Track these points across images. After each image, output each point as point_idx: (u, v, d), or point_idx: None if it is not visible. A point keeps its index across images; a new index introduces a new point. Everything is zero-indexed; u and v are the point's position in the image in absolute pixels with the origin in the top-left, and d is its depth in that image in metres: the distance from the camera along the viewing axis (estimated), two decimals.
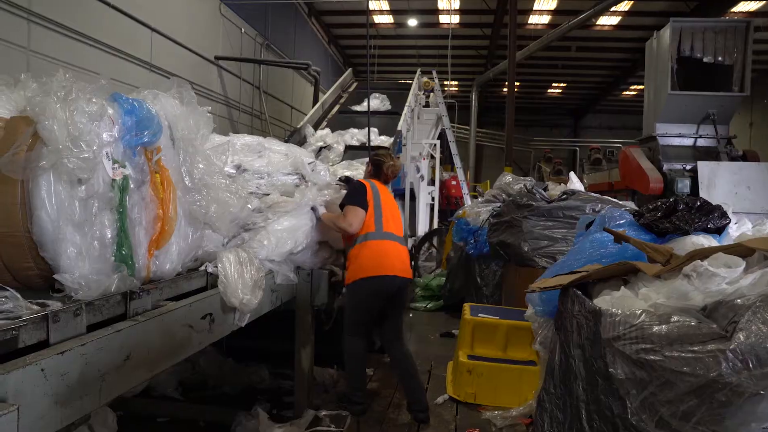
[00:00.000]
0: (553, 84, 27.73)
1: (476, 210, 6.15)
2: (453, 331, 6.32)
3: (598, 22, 18.50)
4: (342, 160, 7.51)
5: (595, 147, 22.62)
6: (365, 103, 9.80)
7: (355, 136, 8.30)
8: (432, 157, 11.07)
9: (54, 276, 1.99)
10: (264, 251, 3.11)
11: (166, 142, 2.63)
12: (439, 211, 11.94)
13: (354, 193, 3.77)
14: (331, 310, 3.78)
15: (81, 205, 2.08)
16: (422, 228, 10.53)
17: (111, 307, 1.96)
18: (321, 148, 8.05)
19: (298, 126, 8.83)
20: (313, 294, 3.52)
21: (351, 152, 7.79)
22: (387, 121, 9.60)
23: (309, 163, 4.15)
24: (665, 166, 9.36)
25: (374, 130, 8.75)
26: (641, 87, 26.57)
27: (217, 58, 11.63)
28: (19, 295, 1.83)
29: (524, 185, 4.73)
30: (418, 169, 10.20)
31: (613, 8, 16.28)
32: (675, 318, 1.53)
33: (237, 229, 3.16)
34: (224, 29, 11.93)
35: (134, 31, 8.69)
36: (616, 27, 19.20)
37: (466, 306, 4.12)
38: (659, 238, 2.64)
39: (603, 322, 1.74)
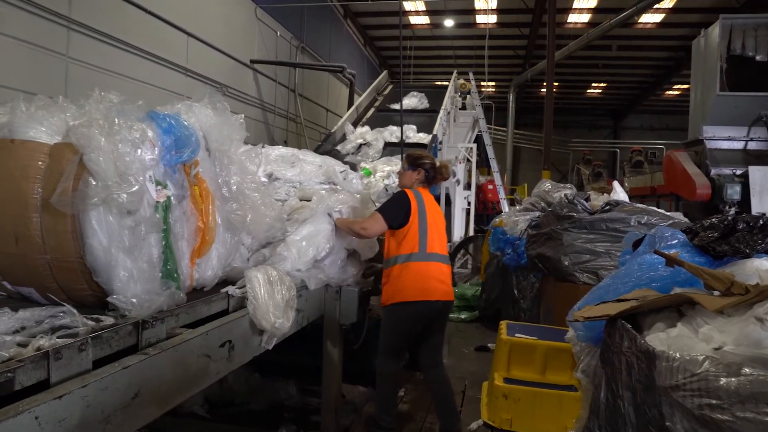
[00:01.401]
0: (593, 84, 27.08)
1: (514, 219, 5.92)
2: (488, 345, 6.12)
3: (640, 20, 17.92)
4: (381, 156, 7.72)
5: (637, 149, 22.00)
6: (404, 101, 10.03)
7: (393, 133, 8.42)
8: (468, 160, 10.85)
9: (108, 299, 2.08)
10: (287, 263, 3.00)
11: (202, 153, 2.65)
12: (475, 216, 11.71)
13: (392, 206, 3.48)
14: (360, 328, 3.60)
15: (130, 232, 2.15)
16: (458, 233, 10.32)
17: (121, 338, 1.85)
18: (361, 145, 8.22)
19: (332, 130, 8.73)
20: (341, 313, 3.37)
21: (390, 149, 8.01)
22: (425, 119, 9.70)
23: (341, 172, 4.02)
24: (713, 171, 8.93)
25: (412, 128, 8.83)
26: (685, 86, 25.97)
27: (252, 61, 11.64)
28: (75, 311, 1.90)
29: (565, 195, 4.49)
30: (454, 174, 9.99)
31: (657, 5, 15.71)
32: (746, 370, 1.33)
33: (274, 234, 3.08)
34: (260, 33, 11.94)
35: (170, 36, 8.73)
36: (660, 25, 18.58)
37: (503, 324, 3.91)
38: (716, 261, 2.41)
39: (658, 366, 1.55)
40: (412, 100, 10.52)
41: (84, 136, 2.11)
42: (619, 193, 4.50)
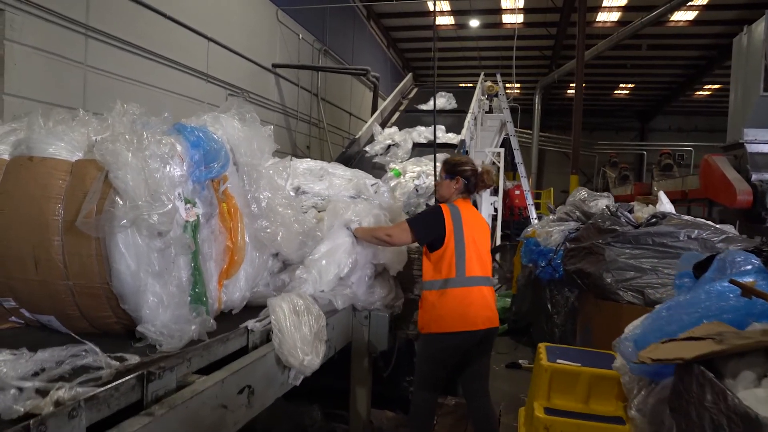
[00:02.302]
0: (620, 85, 26.51)
1: (547, 229, 5.62)
2: (520, 362, 5.83)
3: (672, 18, 17.40)
4: (410, 157, 7.56)
5: (666, 152, 21.43)
6: (431, 102, 9.80)
7: (422, 133, 8.30)
8: (493, 162, 10.55)
9: (137, 329, 1.97)
10: (308, 286, 2.77)
11: (230, 168, 2.51)
12: (502, 221, 11.40)
13: (423, 221, 3.14)
14: (390, 353, 3.32)
15: (159, 255, 2.02)
16: None
17: (122, 395, 1.60)
18: (389, 146, 8.13)
19: (357, 135, 8.52)
20: (371, 340, 3.10)
21: (418, 149, 7.92)
22: (453, 119, 9.57)
23: (372, 185, 3.77)
24: (754, 177, 8.49)
25: (441, 128, 8.70)
26: (716, 86, 25.29)
27: (274, 65, 11.48)
28: (98, 349, 1.78)
29: (607, 207, 4.18)
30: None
31: (691, 2, 15.19)
32: None
33: (306, 253, 2.87)
34: (281, 36, 11.78)
35: (190, 42, 8.59)
36: (692, 22, 18.04)
37: (542, 348, 3.62)
38: None
39: None
40: (440, 101, 10.32)
41: (110, 152, 1.97)
42: (666, 205, 4.19)
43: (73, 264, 2.00)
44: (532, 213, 10.86)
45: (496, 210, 10.86)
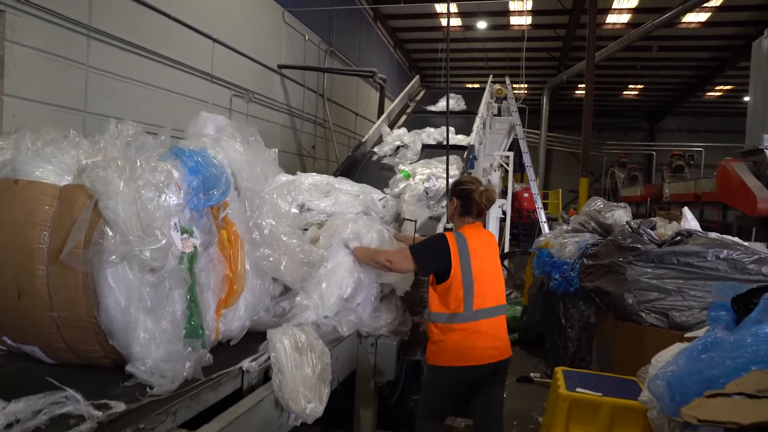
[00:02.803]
0: (630, 86, 26.21)
1: (561, 240, 5.43)
2: (532, 375, 5.65)
3: (684, 20, 17.13)
4: (419, 159, 7.46)
5: (677, 153, 21.19)
6: (440, 103, 9.84)
7: (431, 135, 8.17)
8: (503, 168, 10.37)
9: (126, 368, 1.83)
10: (310, 313, 2.59)
11: (231, 193, 2.35)
12: (510, 224, 11.20)
13: (426, 251, 2.89)
14: (396, 380, 3.12)
15: (152, 290, 1.87)
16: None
17: None
18: (398, 147, 8.01)
19: (363, 139, 8.33)
20: (377, 369, 2.91)
21: (427, 151, 7.81)
22: (462, 120, 9.43)
23: (380, 200, 3.58)
24: None
25: (451, 129, 8.44)
26: (728, 87, 24.97)
27: (280, 66, 11.32)
28: (79, 396, 1.62)
29: (628, 223, 3.97)
30: (489, 182, 9.54)
31: (704, 4, 14.92)
32: None
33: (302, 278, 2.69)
34: (288, 37, 11.61)
35: (195, 42, 8.43)
36: (704, 24, 17.76)
37: (559, 373, 3.43)
38: None
39: None
40: (450, 102, 10.10)
41: (100, 179, 1.82)
42: (690, 221, 3.98)
43: (59, 296, 1.86)
44: (542, 216, 10.65)
45: (504, 213, 10.67)
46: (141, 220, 1.73)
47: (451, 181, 3.67)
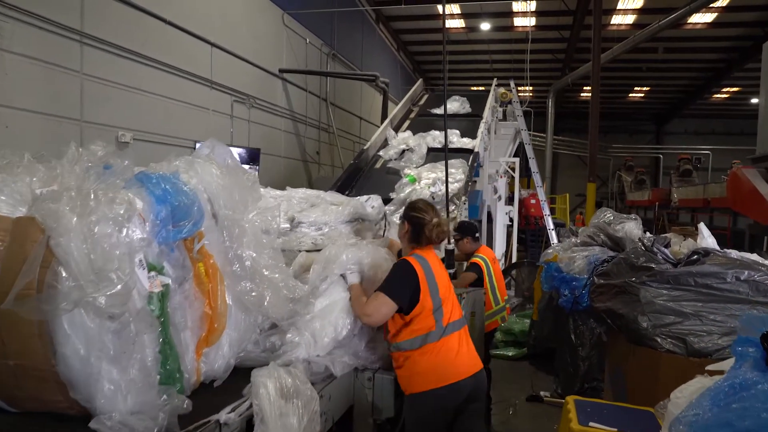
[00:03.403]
0: (635, 88, 25.96)
1: (569, 254, 5.22)
2: (542, 394, 5.44)
3: (690, 20, 16.88)
4: (425, 163, 7.48)
5: (685, 156, 20.93)
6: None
7: (436, 138, 8.15)
8: (509, 174, 10.17)
9: (90, 425, 1.61)
10: (301, 351, 2.39)
11: (208, 221, 2.11)
12: (518, 230, 10.99)
13: (395, 280, 2.69)
14: (397, 415, 2.91)
15: (115, 337, 1.66)
16: (499, 251, 9.65)
17: None
18: (404, 151, 8.01)
19: (365, 147, 8.17)
20: (375, 406, 2.71)
21: (433, 154, 7.81)
22: (467, 123, 9.38)
23: (366, 200, 3.46)
24: None
25: (456, 132, 8.53)
26: (735, 89, 24.69)
27: (281, 71, 11.15)
28: None
29: (641, 241, 3.76)
30: (495, 190, 9.36)
31: (711, 4, 14.67)
32: None
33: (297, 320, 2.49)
34: (288, 40, 11.44)
35: (193, 48, 8.27)
36: (711, 25, 17.50)
37: (571, 404, 3.21)
38: None
39: None
40: (454, 105, 10.02)
41: (51, 213, 1.60)
42: (707, 239, 3.77)
43: (13, 342, 1.67)
44: (549, 224, 10.44)
45: (511, 220, 10.47)
46: (94, 261, 1.52)
47: (453, 186, 3.49)
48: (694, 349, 3.20)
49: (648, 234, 4.92)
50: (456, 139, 8.41)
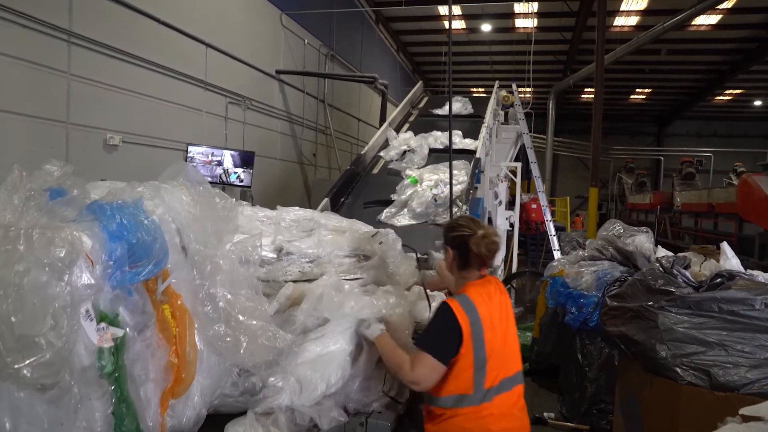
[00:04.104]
0: (637, 90, 25.71)
1: (576, 269, 4.96)
2: (546, 416, 5.18)
3: (693, 22, 16.62)
4: (426, 164, 7.27)
5: (688, 160, 20.67)
6: (447, 106, 9.42)
7: (438, 139, 7.94)
8: (511, 179, 9.91)
9: None
10: (285, 398, 2.10)
11: (175, 256, 1.82)
12: (519, 235, 10.72)
13: (438, 336, 2.28)
14: None
15: (51, 407, 1.36)
16: (498, 257, 9.38)
17: None
18: (405, 152, 7.80)
19: (362, 152, 7.90)
20: None
21: (435, 155, 7.62)
22: (469, 124, 9.16)
23: (373, 235, 3.01)
24: None
25: (458, 133, 8.29)
26: (738, 91, 24.44)
27: (278, 72, 10.88)
28: None
29: (658, 261, 3.49)
30: (496, 195, 9.09)
31: (717, 5, 14.41)
32: None
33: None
34: (286, 41, 11.17)
35: (187, 48, 8.01)
36: (715, 26, 17.26)
37: None
38: None
39: None
40: (456, 105, 9.81)
41: None
42: (731, 260, 3.51)
43: None
44: (551, 230, 10.16)
45: (511, 225, 10.21)
46: (17, 323, 1.24)
47: (456, 188, 3.00)
48: (719, 383, 2.94)
49: (662, 250, 4.65)
50: (458, 140, 8.20)
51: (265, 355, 1.91)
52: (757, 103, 26.26)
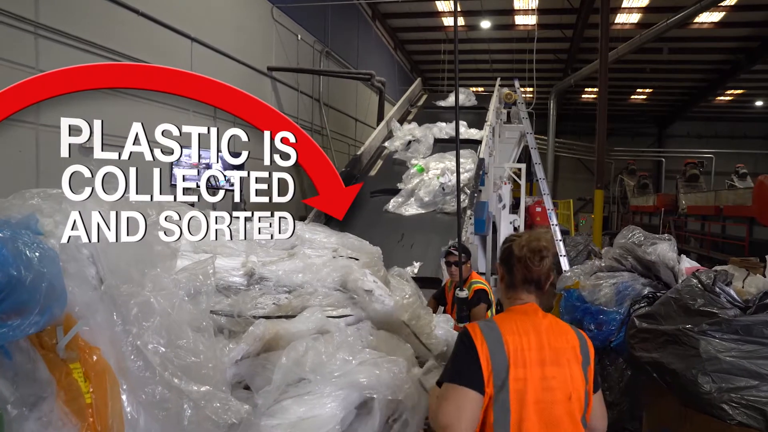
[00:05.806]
0: (638, 90, 25.31)
1: (593, 281, 4.49)
2: None
3: (696, 20, 16.20)
4: (432, 153, 7.32)
5: (691, 161, 20.27)
6: (450, 98, 9.74)
7: (443, 129, 8.10)
8: (515, 181, 9.47)
9: None
10: None
11: (89, 295, 1.31)
12: None
13: (454, 358, 1.88)
14: None
15: None
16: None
17: None
18: (410, 142, 7.85)
19: (359, 152, 7.52)
20: None
21: (440, 145, 7.69)
22: (474, 116, 9.28)
23: (366, 291, 2.39)
24: None
25: (463, 123, 8.35)
26: (740, 92, 24.04)
27: (270, 69, 10.38)
28: None
29: (698, 278, 3.00)
30: (500, 198, 8.66)
31: (720, 3, 14.00)
32: None
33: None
34: (278, 36, 10.68)
35: (170, 42, 7.52)
36: (718, 24, 16.86)
37: None
38: None
39: None
40: (460, 97, 9.49)
41: None
42: None
43: None
44: (557, 234, 9.69)
45: (516, 229, 9.76)
46: None
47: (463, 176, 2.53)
48: None
49: (686, 260, 4.18)
50: (464, 130, 8.22)
51: (219, 407, 1.42)
52: (759, 103, 25.91)
